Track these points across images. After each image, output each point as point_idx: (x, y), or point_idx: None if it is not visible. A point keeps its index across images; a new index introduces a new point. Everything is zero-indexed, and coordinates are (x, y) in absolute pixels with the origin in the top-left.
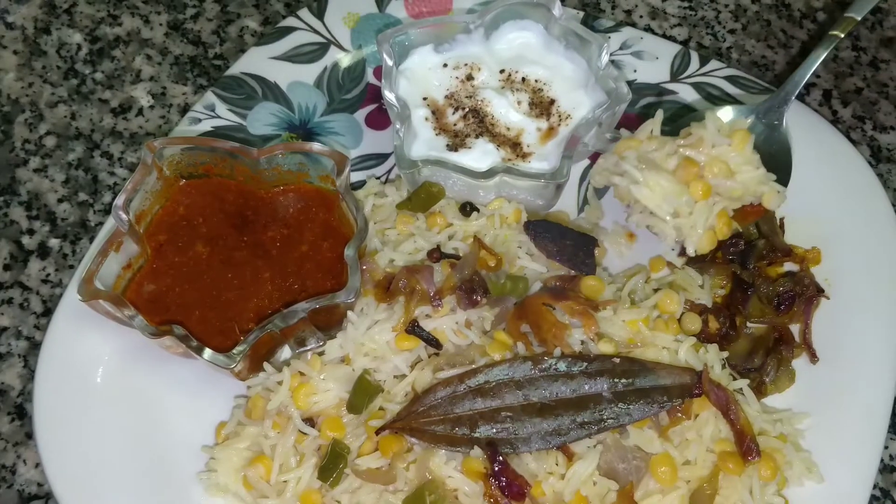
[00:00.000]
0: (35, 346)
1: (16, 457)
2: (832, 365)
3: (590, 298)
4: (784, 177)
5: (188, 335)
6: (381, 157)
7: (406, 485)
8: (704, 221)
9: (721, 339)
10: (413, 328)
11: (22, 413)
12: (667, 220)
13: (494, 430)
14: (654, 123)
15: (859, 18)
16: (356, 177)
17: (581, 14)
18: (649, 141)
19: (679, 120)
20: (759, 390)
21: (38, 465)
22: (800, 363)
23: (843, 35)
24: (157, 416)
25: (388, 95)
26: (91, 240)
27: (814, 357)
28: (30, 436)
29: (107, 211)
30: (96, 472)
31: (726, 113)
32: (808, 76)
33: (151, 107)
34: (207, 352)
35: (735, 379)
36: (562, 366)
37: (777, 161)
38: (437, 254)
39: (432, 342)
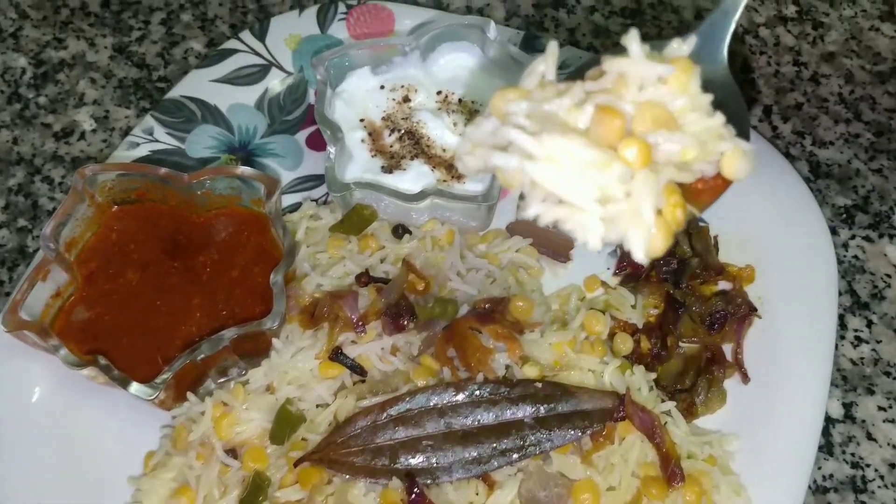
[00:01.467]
0: None
1: None
2: (764, 385)
3: (518, 320)
4: (739, 128)
5: (110, 366)
6: (320, 179)
7: None
8: (653, 201)
9: (653, 360)
10: (337, 355)
11: None
12: (588, 210)
13: (415, 460)
14: (547, 61)
15: None
16: (295, 198)
17: (522, 34)
18: (542, 89)
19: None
20: (690, 411)
21: None
22: (732, 383)
23: None
24: (89, 445)
25: (323, 117)
26: (29, 265)
27: (745, 377)
28: None
29: None
30: (21, 501)
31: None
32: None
33: (94, 131)
34: (131, 385)
35: (664, 400)
36: (484, 391)
37: (726, 111)
38: (365, 278)
39: (356, 369)
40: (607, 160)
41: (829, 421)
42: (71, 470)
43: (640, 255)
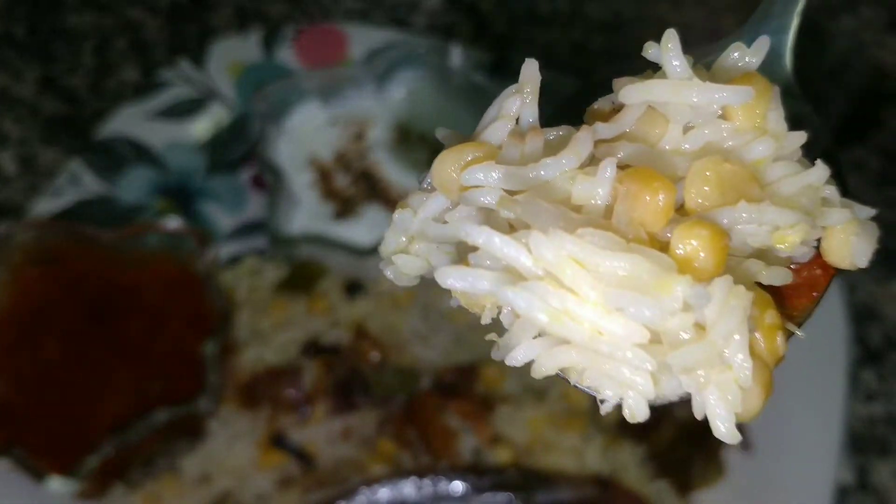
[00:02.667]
0: None
1: None
2: (766, 452)
3: (489, 391)
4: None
5: (26, 458)
6: (265, 225)
7: None
8: (745, 339)
9: (640, 431)
10: (278, 442)
11: None
12: (635, 363)
13: None
14: (524, 91)
15: None
16: (237, 247)
17: (490, 58)
18: (517, 141)
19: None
20: (685, 486)
21: None
22: (730, 452)
23: None
24: None
25: (264, 160)
26: None
27: (746, 445)
28: None
29: None
30: None
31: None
32: None
33: (19, 175)
34: (51, 480)
35: (655, 477)
36: (450, 482)
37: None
38: (312, 349)
39: (301, 457)
40: (661, 272)
41: (840, 490)
42: None
43: (728, 430)
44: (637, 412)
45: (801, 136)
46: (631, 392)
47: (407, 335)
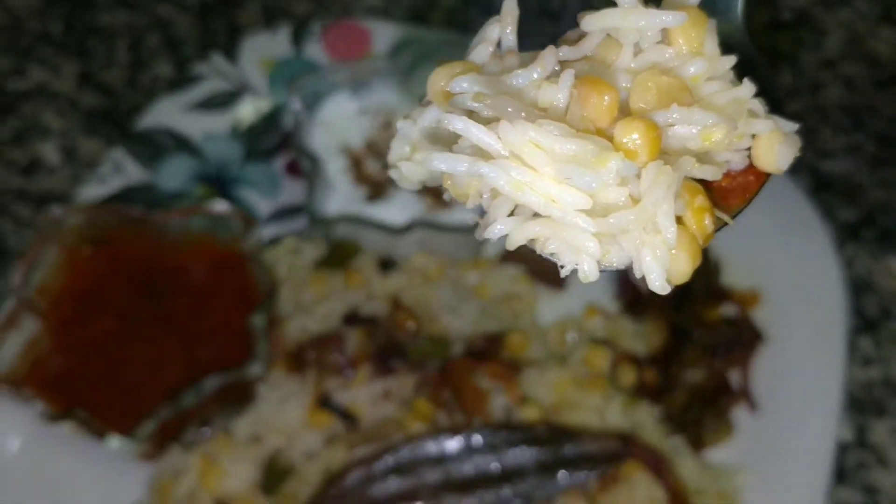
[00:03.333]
0: None
1: None
2: (772, 413)
3: (515, 357)
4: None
5: (89, 419)
6: (299, 209)
7: None
8: (672, 205)
9: (656, 391)
10: (325, 402)
11: None
12: (577, 225)
13: None
14: (503, 21)
15: None
16: (274, 230)
17: None
18: (498, 61)
19: None
20: (698, 443)
21: None
22: (739, 413)
23: None
24: (70, 499)
25: (300, 147)
26: None
27: (753, 406)
28: None
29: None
30: None
31: None
32: None
33: (61, 165)
34: (111, 439)
35: (670, 435)
36: (483, 437)
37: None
38: (352, 319)
39: (346, 417)
40: (600, 152)
41: (840, 447)
42: None
43: (659, 283)
44: (589, 273)
45: (730, 60)
46: (584, 256)
47: (438, 307)
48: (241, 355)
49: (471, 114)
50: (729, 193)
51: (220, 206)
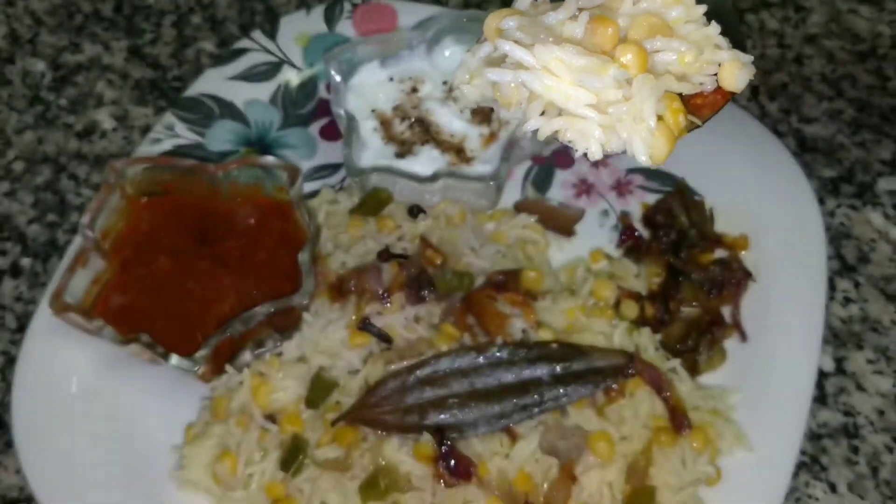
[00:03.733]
0: (11, 361)
1: None
2: (761, 343)
3: (530, 290)
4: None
5: (154, 343)
6: (334, 168)
7: (362, 471)
8: (653, 104)
9: (656, 324)
10: (364, 325)
11: (1, 424)
12: (587, 117)
13: (443, 417)
14: None
15: None
16: (311, 187)
17: None
18: (535, 8)
19: None
20: (694, 370)
21: (18, 471)
22: (731, 343)
23: None
24: (130, 420)
25: (337, 109)
26: (61, 258)
27: (744, 336)
28: (10, 444)
29: (74, 230)
30: (74, 473)
31: None
32: None
33: (114, 129)
34: (172, 357)
35: (669, 359)
36: (504, 353)
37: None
38: (385, 254)
39: (383, 338)
40: (602, 64)
41: (822, 375)
42: (115, 443)
43: (644, 159)
44: (595, 153)
45: (702, 8)
46: (591, 140)
47: (461, 247)
48: (287, 290)
49: (515, 43)
50: (702, 108)
51: (268, 158)
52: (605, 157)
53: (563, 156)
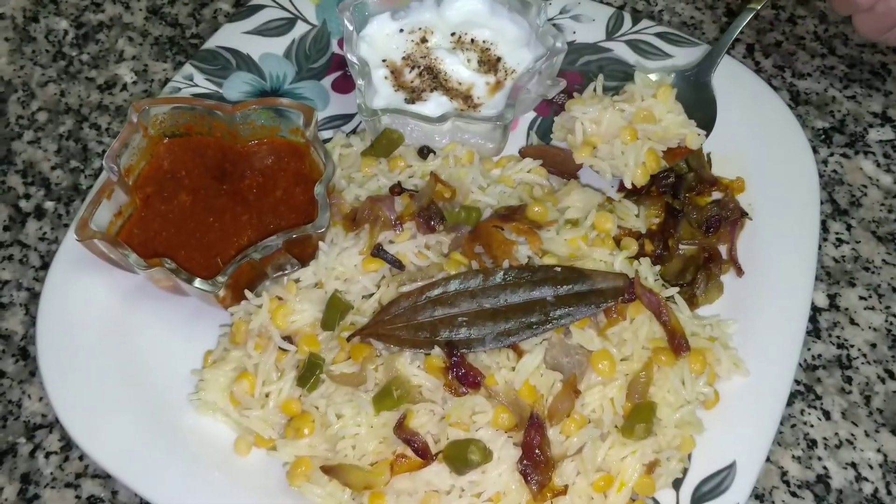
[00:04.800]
0: (35, 297)
1: (21, 392)
2: (756, 277)
3: (535, 222)
4: (708, 126)
5: (177, 267)
6: (346, 118)
7: (375, 385)
8: (635, 159)
9: (655, 260)
10: (378, 251)
11: (25, 355)
12: (604, 161)
13: (452, 334)
14: (597, 84)
15: None
16: (324, 135)
17: None
18: (591, 100)
19: (620, 79)
20: (692, 302)
21: (41, 398)
22: (727, 278)
23: (759, 7)
24: (150, 349)
25: (350, 57)
26: (83, 201)
27: (740, 271)
28: (33, 374)
29: (97, 175)
30: (96, 400)
31: (657, 74)
32: (729, 41)
33: (135, 82)
34: (195, 280)
35: (667, 288)
36: (510, 276)
37: (704, 114)
38: (398, 188)
39: (395, 263)
40: (622, 133)
41: (815, 310)
42: (135, 372)
43: (627, 183)
44: (609, 178)
45: (680, 107)
46: (605, 169)
47: (469, 185)
48: (302, 222)
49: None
50: (676, 154)
51: (284, 100)
52: None
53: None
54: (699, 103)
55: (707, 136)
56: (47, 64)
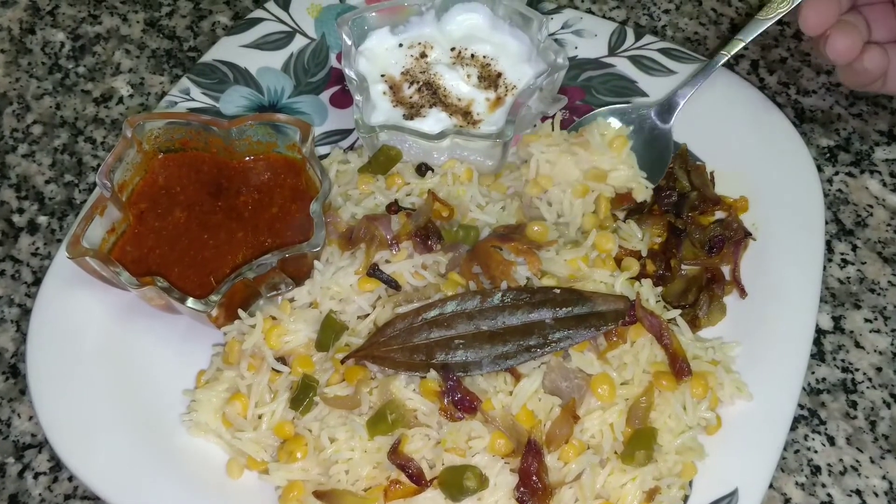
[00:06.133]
0: (27, 313)
1: (11, 411)
2: (759, 299)
3: (535, 241)
4: (659, 171)
5: (170, 286)
6: (344, 133)
7: (370, 408)
8: (581, 211)
9: (658, 280)
10: (374, 271)
11: (16, 372)
12: (551, 205)
13: (449, 357)
14: (555, 122)
15: (746, 42)
16: (322, 150)
17: None
18: (547, 138)
19: (622, 95)
20: (694, 324)
21: (31, 417)
22: (730, 299)
23: (728, 55)
24: (142, 369)
25: (349, 72)
26: (77, 216)
27: (743, 293)
28: (23, 392)
29: (91, 189)
30: (86, 420)
31: (617, 118)
32: (697, 85)
33: (131, 95)
34: (188, 300)
35: (669, 310)
36: (508, 298)
37: (658, 157)
38: (395, 207)
39: (392, 283)
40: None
41: (820, 332)
42: (127, 391)
43: (573, 232)
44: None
45: (633, 159)
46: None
47: (468, 203)
48: (298, 240)
49: None
50: (623, 200)
51: (281, 115)
52: None
53: (566, 122)
54: (654, 147)
55: (656, 182)
56: (43, 76)
